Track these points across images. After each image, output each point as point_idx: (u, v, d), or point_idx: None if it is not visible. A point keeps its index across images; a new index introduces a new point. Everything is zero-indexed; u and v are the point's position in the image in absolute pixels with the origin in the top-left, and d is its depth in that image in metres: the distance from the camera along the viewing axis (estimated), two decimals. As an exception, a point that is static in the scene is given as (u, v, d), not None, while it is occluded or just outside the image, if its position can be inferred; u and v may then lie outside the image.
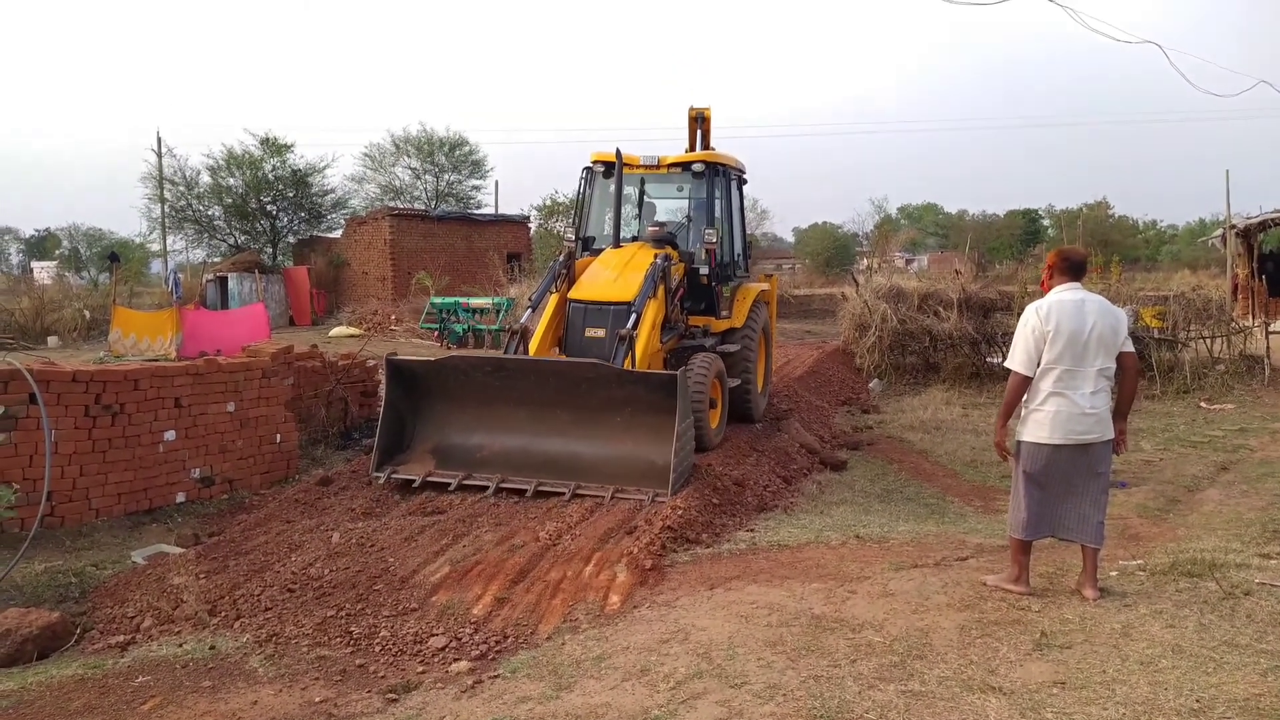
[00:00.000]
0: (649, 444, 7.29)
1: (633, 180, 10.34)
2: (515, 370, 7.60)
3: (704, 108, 10.78)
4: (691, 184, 10.17)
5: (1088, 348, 4.64)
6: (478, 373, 7.74)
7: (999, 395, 14.64)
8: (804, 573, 5.49)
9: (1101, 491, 4.80)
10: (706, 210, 9.89)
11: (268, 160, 33.86)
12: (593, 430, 7.55)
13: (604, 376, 7.30)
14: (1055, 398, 4.69)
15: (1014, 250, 48.75)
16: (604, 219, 10.10)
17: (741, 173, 10.84)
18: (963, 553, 5.96)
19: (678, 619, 4.73)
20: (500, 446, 7.72)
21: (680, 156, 10.03)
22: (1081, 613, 4.49)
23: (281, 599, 5.45)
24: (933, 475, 9.61)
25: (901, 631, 4.35)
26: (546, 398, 7.61)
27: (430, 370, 7.88)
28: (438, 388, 7.92)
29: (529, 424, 7.71)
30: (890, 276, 19.72)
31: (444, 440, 7.90)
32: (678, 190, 10.54)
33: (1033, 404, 4.77)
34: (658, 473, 7.08)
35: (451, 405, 7.94)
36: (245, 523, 7.34)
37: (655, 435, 7.25)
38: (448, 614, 5.13)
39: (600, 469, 7.32)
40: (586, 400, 7.46)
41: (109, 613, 5.56)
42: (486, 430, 7.83)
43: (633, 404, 7.36)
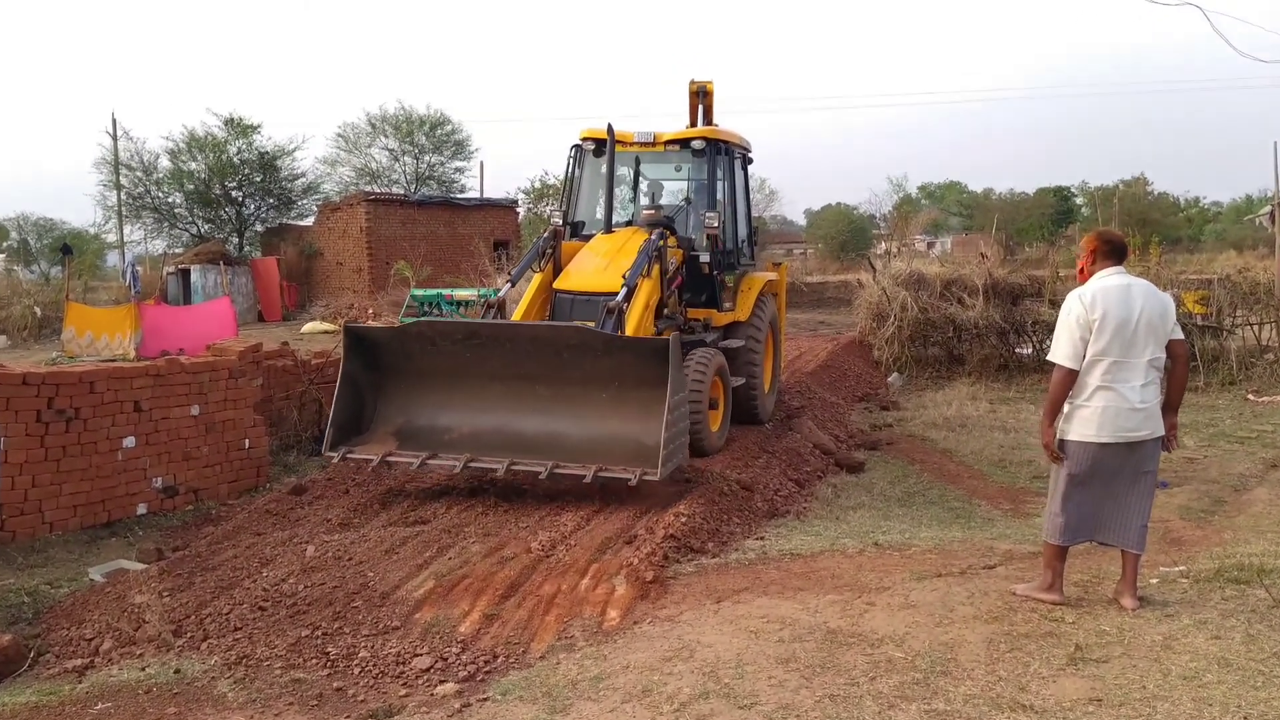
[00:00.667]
0: (639, 422, 7.14)
1: (627, 160, 10.23)
2: (489, 338, 7.41)
3: (706, 81, 10.68)
4: (691, 163, 10.02)
5: (1136, 336, 4.63)
6: (446, 341, 7.54)
7: (1029, 389, 14.72)
8: (818, 584, 5.50)
9: (1147, 493, 4.80)
10: (708, 191, 9.75)
11: (232, 142, 33.87)
12: (576, 408, 7.38)
13: (588, 343, 7.14)
14: (1103, 392, 4.66)
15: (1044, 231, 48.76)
16: (595, 202, 9.98)
17: (746, 151, 10.74)
18: (990, 560, 5.96)
19: (682, 635, 4.73)
20: (471, 427, 7.56)
21: (679, 133, 9.88)
22: (1119, 624, 4.50)
23: (252, 618, 5.45)
24: (958, 477, 9.62)
25: (924, 646, 4.35)
26: (524, 371, 7.44)
27: (393, 339, 7.73)
28: (402, 360, 7.74)
29: (504, 401, 7.54)
30: (910, 261, 19.73)
31: (409, 421, 7.72)
32: (676, 170, 10.43)
33: (1078, 399, 4.74)
34: (648, 454, 6.89)
35: (417, 380, 7.77)
36: (212, 536, 7.34)
37: (645, 413, 7.09)
38: (432, 632, 5.13)
39: (584, 451, 7.15)
40: (569, 373, 7.30)
41: (65, 634, 5.56)
42: (456, 409, 7.66)
43: (620, 377, 7.21)
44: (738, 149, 10.39)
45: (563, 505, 7.27)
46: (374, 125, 39.08)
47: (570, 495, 7.55)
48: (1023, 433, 11.49)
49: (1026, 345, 16.64)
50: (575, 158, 10.02)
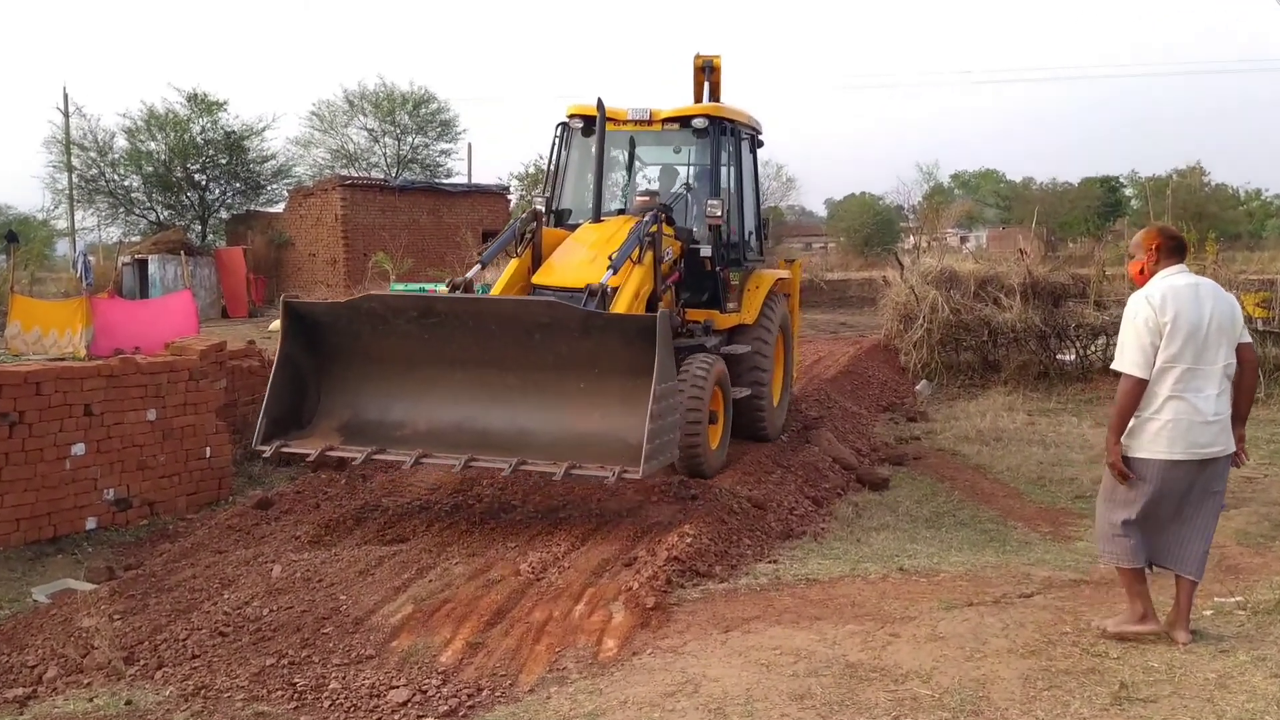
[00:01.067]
0: (621, 415, 6.84)
1: (620, 141, 10.00)
2: (448, 315, 7.10)
3: (713, 56, 10.49)
4: (693, 144, 9.80)
5: (1209, 340, 4.60)
6: (400, 320, 7.20)
7: (1071, 399, 14.71)
8: (837, 612, 5.49)
9: (1213, 515, 4.78)
10: (711, 176, 9.48)
11: (196, 121, 33.88)
12: (548, 399, 7.10)
13: (562, 321, 6.84)
14: (1174, 403, 4.61)
15: (1090, 225, 48.76)
16: (584, 188, 9.72)
17: (756, 132, 10.53)
18: (1027, 588, 5.96)
19: (686, 668, 4.73)
20: (428, 422, 7.30)
21: (678, 109, 9.58)
22: (1169, 659, 4.49)
23: (212, 644, 5.46)
24: (992, 496, 9.61)
25: (953, 683, 4.35)
26: (489, 356, 7.16)
27: (339, 317, 7.40)
28: (349, 342, 7.45)
29: (466, 392, 7.28)
30: (941, 257, 19.71)
31: (356, 414, 7.45)
32: (675, 152, 10.18)
33: (1145, 412, 4.68)
34: (631, 454, 6.55)
35: (367, 367, 7.49)
36: (169, 553, 7.35)
37: (629, 405, 6.77)
38: (411, 662, 5.13)
39: (557, 449, 6.86)
40: (541, 358, 7.03)
41: (5, 661, 5.57)
42: (411, 401, 7.41)
43: (600, 362, 6.94)
44: (745, 129, 10.15)
45: (555, 524, 7.27)
46: (352, 103, 39.13)
47: (564, 511, 7.56)
48: (1064, 447, 11.48)
49: (1069, 351, 16.62)
50: (561, 137, 9.76)
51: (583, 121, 9.59)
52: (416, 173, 37.95)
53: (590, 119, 9.34)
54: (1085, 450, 11.25)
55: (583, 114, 9.56)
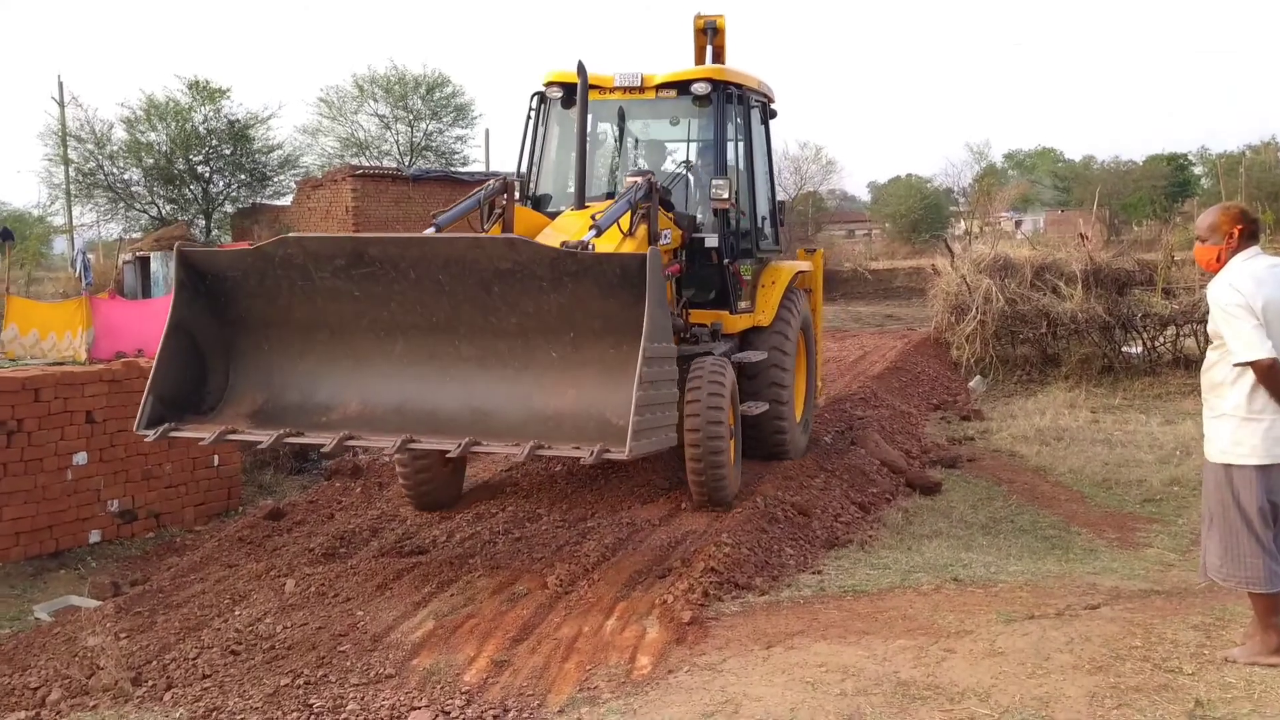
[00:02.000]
0: (603, 390, 6.04)
1: (607, 113, 9.14)
2: (384, 261, 6.09)
3: (715, 16, 9.67)
4: (693, 114, 9.05)
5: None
6: (325, 271, 6.20)
7: (1138, 395, 14.60)
8: (887, 626, 5.48)
9: None
10: (716, 151, 8.67)
11: (198, 109, 34.19)
12: (512, 373, 6.27)
13: (529, 266, 5.87)
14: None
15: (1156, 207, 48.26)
16: (565, 169, 8.98)
17: (768, 100, 9.88)
18: (1093, 599, 5.92)
19: (725, 686, 4.73)
20: (362, 404, 6.45)
21: (675, 73, 8.75)
22: (1248, 675, 4.45)
23: (223, 664, 5.51)
24: (1053, 499, 9.55)
25: (1014, 701, 4.33)
26: (437, 318, 6.29)
27: (248, 270, 6.40)
28: (262, 304, 6.51)
29: (409, 366, 6.46)
30: (995, 243, 19.66)
31: (273, 396, 6.57)
32: (673, 124, 9.53)
33: (1250, 411, 4.55)
34: (616, 434, 5.73)
35: (285, 336, 6.63)
36: (177, 567, 7.42)
37: (612, 378, 5.96)
38: (432, 681, 5.16)
39: (524, 434, 5.99)
40: (502, 319, 6.15)
41: (7, 683, 5.64)
42: (341, 378, 6.53)
43: (576, 321, 6.08)
44: (755, 95, 9.43)
45: (583, 533, 7.29)
46: (362, 88, 39.30)
47: (592, 520, 7.58)
48: (1131, 447, 11.39)
49: (1135, 343, 16.50)
50: (538, 110, 8.96)
51: (562, 90, 8.83)
52: (431, 161, 38.08)
53: (571, 87, 8.47)
54: (1154, 450, 11.16)
55: (562, 81, 8.78)
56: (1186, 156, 58.77)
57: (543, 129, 9.01)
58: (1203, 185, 53.27)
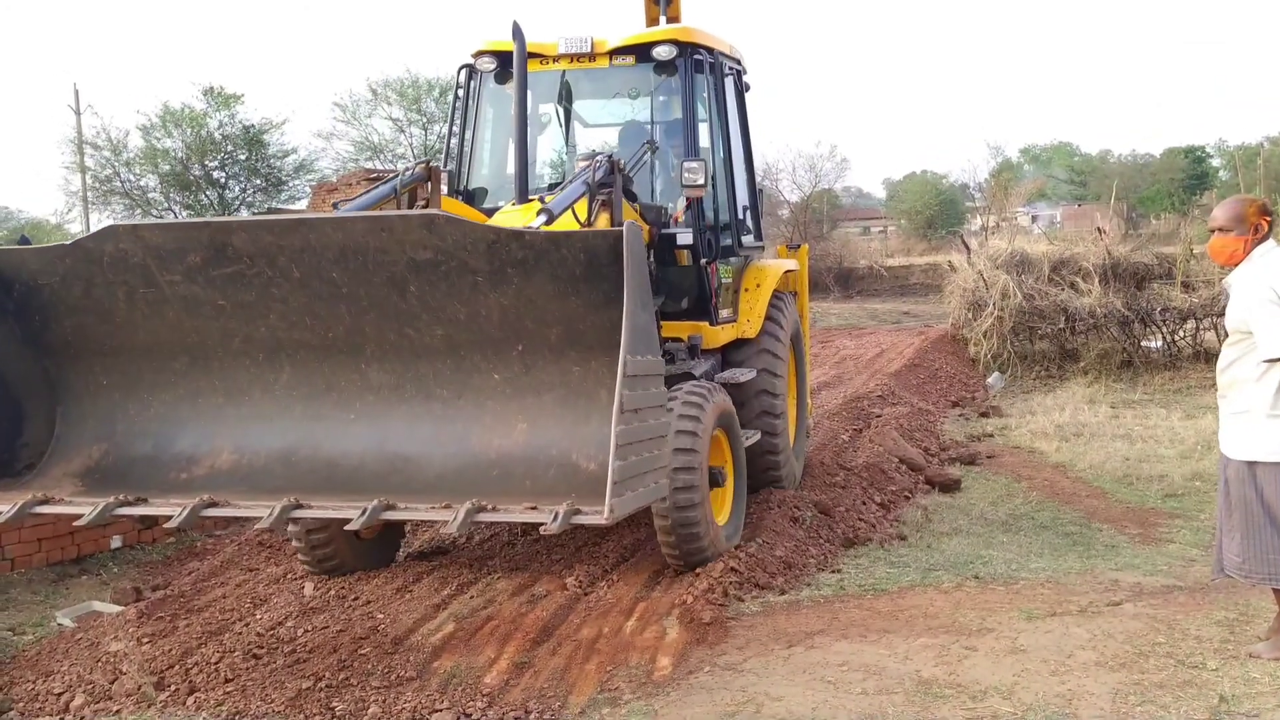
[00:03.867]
0: (562, 424, 4.73)
1: (551, 87, 7.61)
2: (257, 257, 4.58)
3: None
4: (656, 85, 7.48)
5: None
6: (173, 272, 4.70)
7: (1158, 389, 14.54)
8: (908, 625, 5.47)
9: None
10: (686, 128, 7.22)
11: (213, 116, 34.42)
12: (440, 404, 4.90)
13: (456, 255, 4.42)
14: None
15: (1175, 200, 48.12)
16: (501, 158, 7.79)
17: (739, 67, 8.28)
18: (1115, 596, 5.90)
19: (746, 686, 4.74)
20: (235, 456, 5.02)
21: (632, 37, 7.30)
22: (1272, 670, 4.43)
23: (245, 667, 5.53)
24: (1073, 496, 9.50)
25: (1037, 699, 4.32)
26: (331, 334, 4.83)
27: (65, 272, 4.78)
28: (94, 322, 4.94)
29: (300, 402, 5.02)
30: (1012, 239, 19.59)
31: (115, 449, 5.12)
32: (631, 97, 7.71)
33: (1276, 408, 4.53)
34: (583, 482, 4.50)
35: (130, 364, 5.12)
36: (198, 572, 7.46)
37: (578, 404, 4.69)
38: (454, 683, 5.17)
39: (458, 486, 4.59)
40: (426, 330, 4.72)
41: (30, 688, 5.67)
42: (206, 419, 5.08)
43: (526, 330, 4.65)
44: (728, 61, 7.90)
45: (602, 534, 7.29)
46: (375, 92, 39.42)
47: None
48: (1152, 442, 11.33)
49: (1155, 337, 16.42)
50: (466, 88, 7.59)
51: (496, 62, 7.40)
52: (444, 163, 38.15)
53: (506, 57, 6.99)
54: (1176, 445, 11.10)
55: (497, 51, 7.35)
56: (1204, 149, 58.57)
57: (474, 109, 7.62)
58: (1221, 178, 53.08)
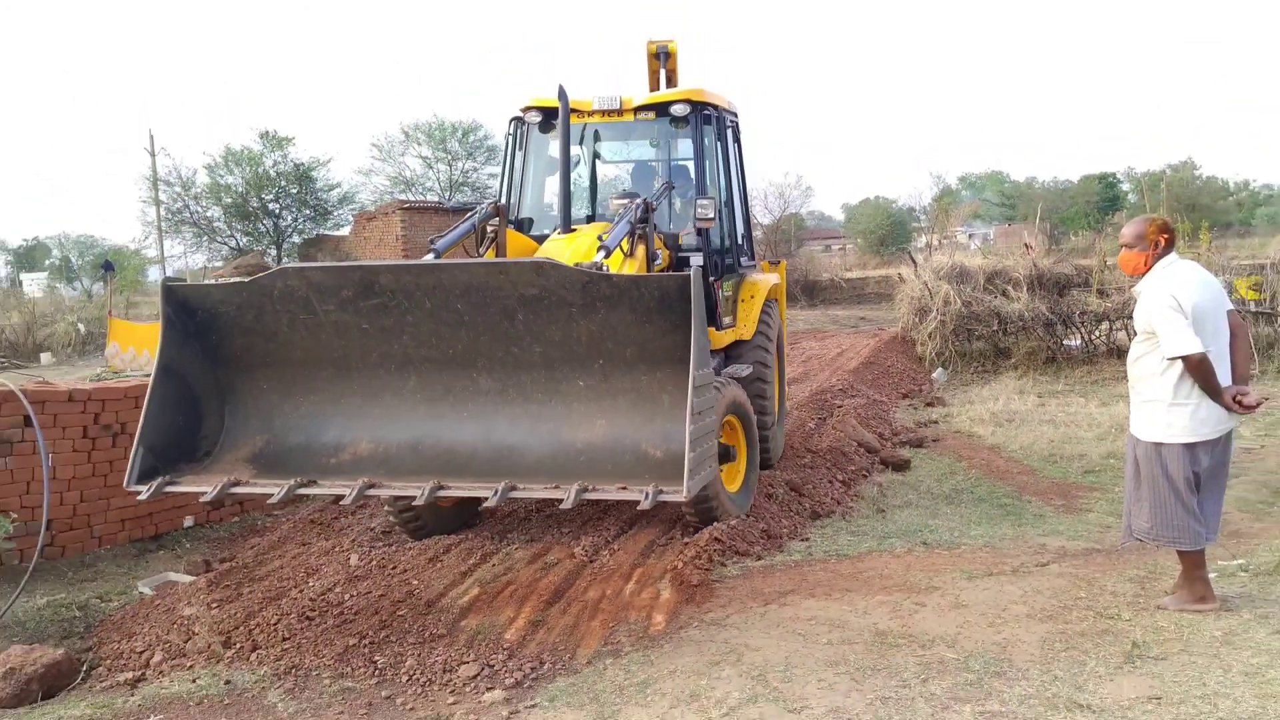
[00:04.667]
0: (634, 422, 5.10)
1: (585, 135, 8.14)
2: (397, 292, 5.00)
3: (667, 41, 8.75)
4: (672, 135, 8.14)
5: (1218, 323, 4.55)
6: (330, 303, 5.09)
7: (1078, 381, 14.53)
8: (866, 584, 5.47)
9: (1225, 483, 4.72)
10: (697, 172, 7.72)
11: (268, 155, 34.38)
12: (536, 406, 5.24)
13: (557, 291, 4.82)
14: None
15: (1090, 220, 48.10)
16: (542, 193, 8.19)
17: (736, 119, 8.78)
18: (1043, 558, 5.90)
19: (729, 639, 4.74)
20: (374, 444, 5.39)
21: (654, 96, 7.81)
22: (1177, 620, 4.44)
23: (300, 628, 5.52)
24: (1006, 473, 9.51)
25: (977, 647, 4.32)
26: (454, 351, 5.20)
27: (243, 305, 5.18)
28: (260, 342, 5.32)
29: (423, 404, 5.36)
30: (952, 254, 19.61)
31: (274, 439, 5.44)
32: (652, 145, 8.50)
33: (1177, 397, 4.52)
34: (652, 468, 4.92)
35: (285, 375, 5.47)
36: (258, 547, 7.45)
37: (644, 408, 5.06)
38: (478, 639, 5.17)
39: (551, 470, 5.09)
40: (526, 350, 5.11)
41: (116, 648, 5.66)
42: (348, 419, 5.43)
43: (606, 348, 5.05)
44: (728, 115, 8.42)
45: (604, 510, 7.29)
46: (407, 134, 39.52)
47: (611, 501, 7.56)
48: (1073, 426, 11.34)
49: (1074, 336, 16.44)
50: (515, 135, 7.94)
51: (540, 115, 7.81)
52: (468, 194, 38.15)
53: (550, 112, 7.58)
54: (1093, 428, 11.11)
55: (541, 106, 7.75)
56: (1115, 175, 58.55)
57: (521, 153, 7.96)
58: (1129, 200, 53.05)
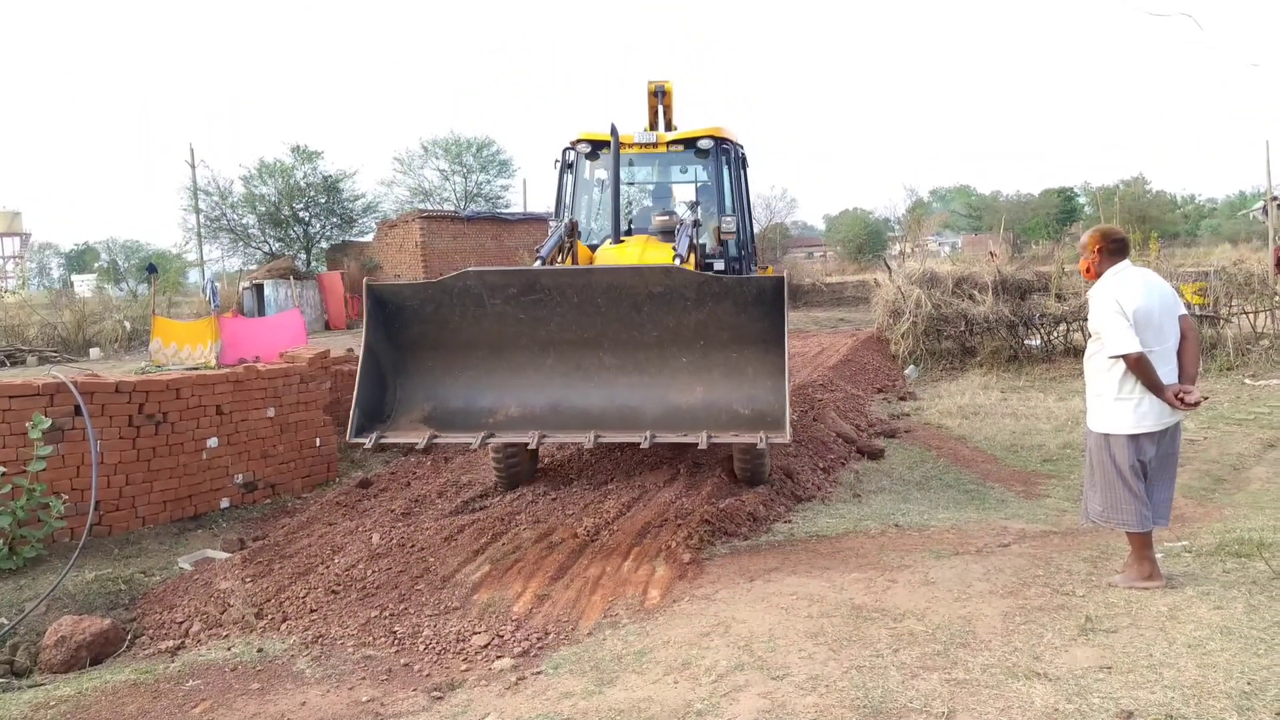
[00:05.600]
0: (726, 388, 5.85)
1: (626, 163, 8.93)
2: (553, 289, 5.73)
3: (664, 81, 9.39)
4: (697, 164, 9.02)
5: (1163, 324, 4.52)
6: (496, 298, 5.82)
7: (1038, 378, 14.53)
8: (843, 562, 5.48)
9: (1174, 471, 4.71)
10: (718, 193, 8.66)
11: (299, 168, 34.31)
12: (650, 377, 5.96)
13: (678, 290, 5.63)
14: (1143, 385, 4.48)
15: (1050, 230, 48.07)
16: (590, 211, 8.89)
17: (744, 150, 9.54)
18: (1005, 539, 5.91)
19: (718, 612, 4.74)
20: (520, 408, 6.01)
21: (684, 133, 8.72)
22: (1127, 596, 4.44)
23: (326, 600, 5.53)
24: (972, 461, 9.52)
25: (944, 620, 4.32)
26: (586, 335, 5.92)
27: (429, 300, 5.91)
28: (434, 329, 6.04)
29: (559, 375, 6.05)
30: (924, 261, 19.59)
31: (438, 405, 6.08)
32: (681, 172, 9.35)
33: (1121, 393, 4.54)
34: (743, 422, 5.67)
35: (449, 353, 6.13)
36: (288, 526, 7.45)
37: (733, 378, 5.85)
38: (489, 612, 5.17)
39: (661, 425, 5.72)
40: (643, 334, 5.87)
41: (158, 618, 5.67)
42: (498, 388, 6.08)
43: (706, 335, 5.83)
44: (738, 148, 9.33)
45: (604, 495, 7.29)
46: (426, 149, 39.54)
47: (611, 484, 7.58)
48: (1033, 419, 11.35)
49: (1035, 337, 16.44)
50: (566, 162, 8.75)
51: (589, 146, 8.67)
52: (481, 204, 38.13)
53: (596, 144, 8.58)
54: (1051, 421, 11.12)
55: (590, 139, 8.66)
56: (1073, 189, 58.55)
57: (571, 177, 8.72)
58: (1086, 212, 53.05)
